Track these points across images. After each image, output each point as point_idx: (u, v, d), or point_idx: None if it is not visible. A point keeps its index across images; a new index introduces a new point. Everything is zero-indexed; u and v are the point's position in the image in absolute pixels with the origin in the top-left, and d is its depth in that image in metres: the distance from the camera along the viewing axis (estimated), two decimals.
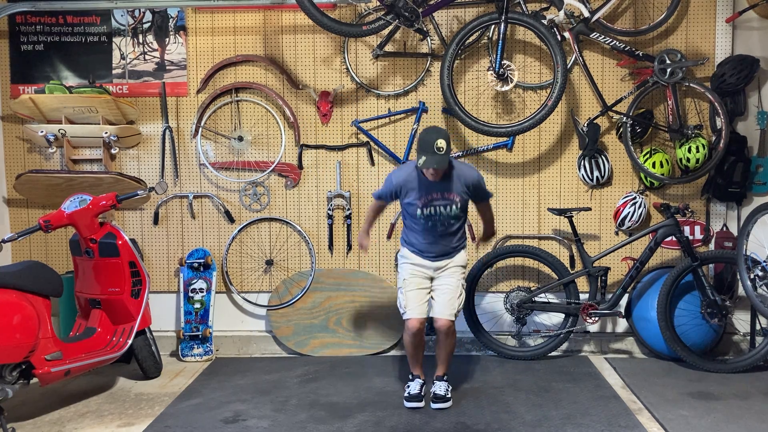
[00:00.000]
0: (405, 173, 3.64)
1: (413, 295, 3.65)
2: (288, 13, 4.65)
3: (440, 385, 3.70)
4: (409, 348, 3.73)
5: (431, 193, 3.55)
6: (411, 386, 3.73)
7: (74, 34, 4.69)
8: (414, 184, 3.58)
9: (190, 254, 4.65)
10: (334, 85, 4.65)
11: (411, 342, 3.69)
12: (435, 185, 3.55)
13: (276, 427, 3.42)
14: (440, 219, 3.59)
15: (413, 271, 3.69)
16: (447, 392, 3.68)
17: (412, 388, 3.71)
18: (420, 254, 3.69)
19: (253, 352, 4.73)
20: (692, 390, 3.82)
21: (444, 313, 3.63)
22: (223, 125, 4.70)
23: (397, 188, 3.63)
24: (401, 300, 3.70)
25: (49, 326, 3.48)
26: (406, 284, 3.68)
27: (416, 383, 3.73)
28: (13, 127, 4.72)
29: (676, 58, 4.25)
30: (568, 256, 4.62)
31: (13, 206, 4.77)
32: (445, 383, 3.72)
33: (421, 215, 3.58)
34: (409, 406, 3.65)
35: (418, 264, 3.70)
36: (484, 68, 4.52)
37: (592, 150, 4.46)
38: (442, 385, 3.70)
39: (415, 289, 3.66)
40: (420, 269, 3.70)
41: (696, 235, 4.55)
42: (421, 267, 3.70)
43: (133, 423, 3.50)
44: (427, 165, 3.42)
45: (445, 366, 3.75)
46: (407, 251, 3.75)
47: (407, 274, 3.70)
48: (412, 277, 3.68)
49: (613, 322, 4.67)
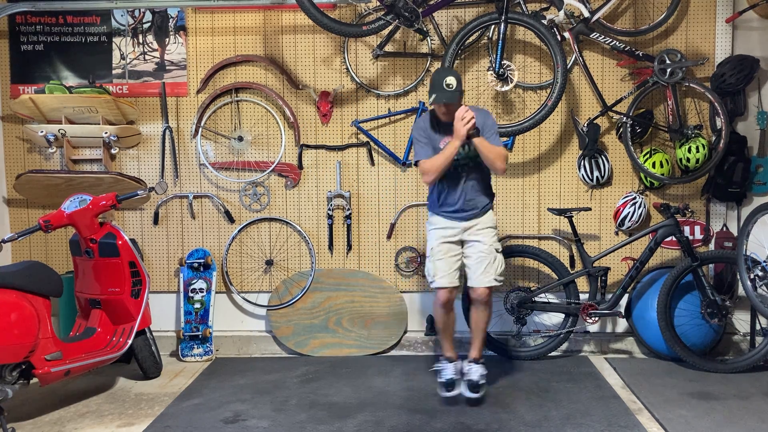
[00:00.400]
0: (422, 121, 3.65)
1: (442, 264, 3.55)
2: (288, 13, 4.65)
3: (475, 369, 3.56)
4: (440, 322, 3.61)
5: (449, 135, 3.51)
6: (445, 371, 3.59)
7: (74, 34, 4.69)
8: (430, 129, 3.58)
9: (190, 254, 4.65)
10: (334, 85, 4.65)
11: (441, 314, 3.58)
12: (451, 126, 3.50)
13: (276, 427, 3.42)
14: (461, 162, 3.51)
15: (442, 238, 3.59)
16: (481, 378, 3.55)
17: (447, 372, 3.57)
18: (447, 215, 3.60)
19: (253, 352, 4.73)
20: (692, 390, 3.82)
21: (482, 281, 3.51)
22: (223, 125, 4.70)
23: (424, 131, 3.58)
24: (429, 269, 3.60)
25: (49, 326, 3.48)
26: (434, 252, 3.59)
27: (450, 367, 3.59)
28: (13, 127, 4.72)
29: (676, 58, 4.25)
30: (568, 256, 4.62)
31: (13, 206, 4.77)
32: (481, 367, 3.57)
33: None
34: (446, 395, 3.56)
35: (447, 227, 3.60)
36: (484, 68, 4.52)
37: (592, 150, 4.46)
38: (477, 370, 3.56)
39: (444, 257, 3.56)
40: (449, 233, 3.59)
41: (696, 235, 4.56)
42: (450, 230, 3.60)
43: (133, 423, 3.50)
44: (437, 100, 3.42)
45: (480, 345, 3.64)
46: (434, 217, 3.68)
47: (435, 241, 3.61)
48: (441, 244, 3.58)
49: (613, 322, 4.67)
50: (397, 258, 4.71)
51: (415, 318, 4.72)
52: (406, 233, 4.71)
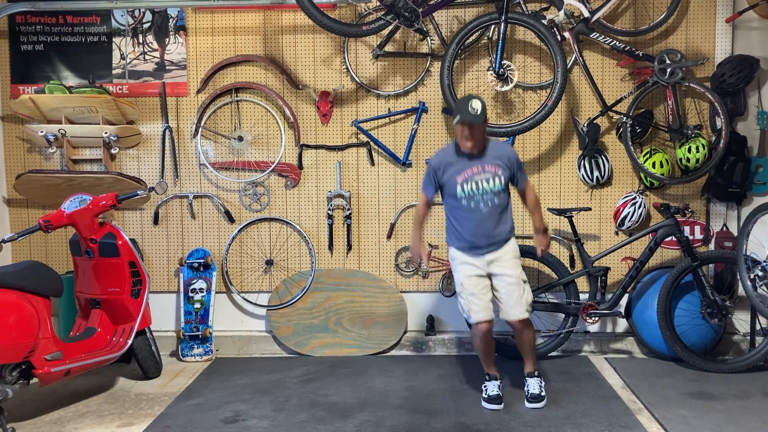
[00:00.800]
0: (442, 152, 3.64)
1: (475, 299, 3.53)
2: (288, 13, 4.65)
3: (533, 382, 3.62)
4: (481, 351, 3.65)
5: (470, 167, 3.49)
6: (488, 387, 3.63)
7: (74, 34, 4.69)
8: (452, 158, 3.54)
9: (190, 254, 4.65)
10: (334, 85, 4.65)
11: (481, 345, 3.61)
12: (473, 159, 3.49)
13: (276, 427, 3.42)
14: (482, 196, 3.49)
15: (468, 272, 3.56)
16: (541, 389, 3.60)
17: (490, 389, 3.61)
18: (468, 250, 3.56)
19: (253, 352, 4.73)
20: (692, 390, 3.82)
21: (515, 314, 3.54)
22: (223, 125, 4.70)
23: (438, 168, 3.54)
24: (462, 304, 3.58)
25: (49, 326, 3.48)
26: (464, 288, 3.56)
27: (493, 384, 3.63)
28: (13, 127, 4.72)
29: (676, 58, 4.25)
30: (568, 256, 4.62)
31: (13, 206, 4.77)
32: (538, 379, 3.63)
33: (462, 194, 3.49)
34: (490, 407, 3.56)
35: (470, 263, 3.56)
36: (484, 68, 4.52)
37: (592, 150, 4.46)
38: (535, 383, 3.61)
39: (475, 292, 3.53)
40: (475, 267, 3.56)
41: (696, 235, 4.56)
42: (474, 265, 3.56)
43: (133, 423, 3.50)
44: (462, 120, 3.39)
45: (532, 360, 3.67)
46: (455, 251, 3.63)
47: (463, 276, 3.57)
48: (469, 279, 3.55)
49: (613, 322, 4.67)
50: (397, 258, 4.71)
51: (415, 318, 4.71)
52: (406, 233, 4.70)
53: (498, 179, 3.50)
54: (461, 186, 3.50)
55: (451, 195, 3.54)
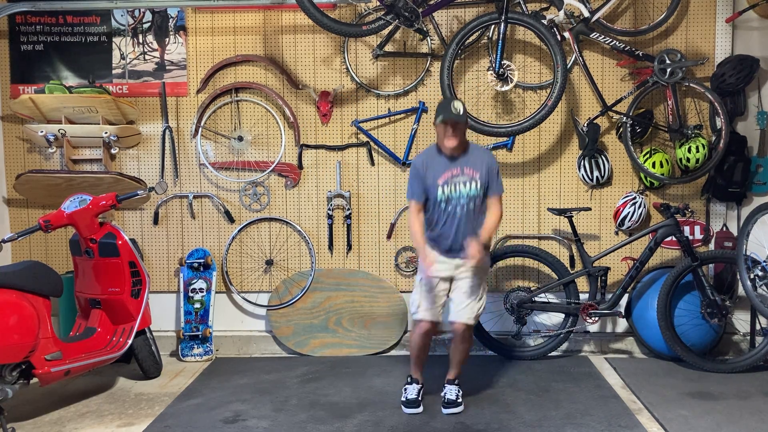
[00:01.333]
0: (424, 154, 3.62)
1: (429, 296, 3.51)
2: (288, 13, 4.65)
3: (451, 389, 3.61)
4: (415, 349, 3.61)
5: (451, 169, 3.49)
6: (408, 390, 3.63)
7: (74, 34, 4.69)
8: (434, 161, 3.54)
9: (190, 254, 4.65)
10: (334, 85, 4.65)
11: (418, 343, 3.58)
12: (454, 161, 3.50)
13: (276, 427, 3.42)
14: (459, 200, 3.48)
15: (435, 272, 3.53)
16: (458, 397, 3.59)
17: (410, 392, 3.61)
18: (441, 251, 3.55)
19: (253, 352, 4.73)
20: (692, 390, 3.82)
21: (461, 316, 3.49)
22: (223, 125, 4.70)
23: (422, 168, 3.52)
24: (414, 299, 3.56)
25: (49, 326, 3.48)
26: (423, 284, 3.54)
27: (413, 387, 3.63)
28: (13, 127, 4.72)
29: (676, 58, 4.25)
30: (568, 256, 4.62)
31: (13, 206, 4.77)
32: (456, 387, 3.62)
33: (442, 196, 3.48)
34: (408, 412, 3.55)
35: (443, 262, 3.54)
36: (484, 68, 4.52)
37: (592, 150, 4.46)
38: (452, 390, 3.61)
39: (433, 291, 3.52)
40: (440, 269, 3.53)
41: (696, 235, 4.56)
42: (442, 265, 3.53)
43: (133, 423, 3.50)
44: (444, 119, 3.40)
45: (457, 369, 3.66)
46: (428, 248, 3.60)
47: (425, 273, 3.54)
48: (432, 278, 3.53)
49: (613, 322, 4.67)
50: (397, 258, 4.71)
51: None
52: (406, 233, 4.70)
53: (475, 183, 3.49)
54: (441, 188, 3.49)
55: (431, 199, 3.54)
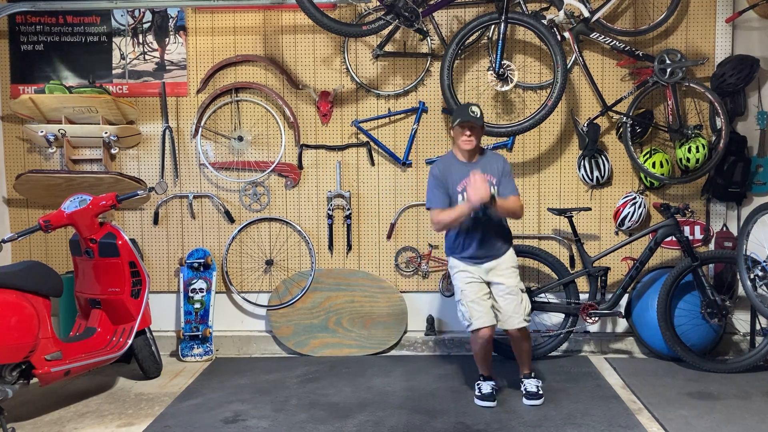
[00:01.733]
0: (442, 161, 3.68)
1: (476, 306, 3.56)
2: (288, 13, 4.65)
3: (531, 382, 3.69)
4: (479, 356, 3.70)
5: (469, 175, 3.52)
6: (482, 386, 3.69)
7: (74, 34, 4.69)
8: (452, 168, 3.60)
9: (190, 254, 4.65)
10: (334, 85, 4.65)
11: (481, 352, 3.66)
12: (471, 166, 3.55)
13: (276, 427, 3.42)
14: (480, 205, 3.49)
15: (468, 279, 3.61)
16: (539, 389, 3.66)
17: (484, 387, 3.67)
18: (467, 260, 3.62)
19: (253, 352, 4.73)
20: (692, 390, 3.82)
21: (513, 323, 3.59)
22: (223, 125, 4.70)
23: (441, 176, 3.59)
24: (464, 312, 3.60)
25: (49, 326, 3.47)
26: (465, 295, 3.59)
27: (487, 384, 3.69)
28: (13, 127, 4.72)
29: (676, 58, 4.25)
30: (568, 256, 4.62)
31: (13, 206, 4.77)
32: (535, 380, 3.72)
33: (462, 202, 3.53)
34: (482, 404, 3.62)
35: (469, 271, 3.62)
36: (484, 68, 4.52)
37: (592, 150, 4.46)
38: (532, 382, 3.69)
39: (475, 299, 3.57)
40: (474, 277, 3.61)
41: (696, 235, 4.56)
42: (473, 274, 3.61)
43: (133, 423, 3.50)
44: (462, 121, 3.47)
45: (529, 363, 3.76)
46: (455, 260, 3.67)
47: (463, 284, 3.61)
48: (469, 285, 3.59)
49: (613, 322, 4.67)
50: (397, 258, 4.71)
51: (415, 318, 4.71)
52: (406, 233, 4.71)
53: (494, 188, 3.55)
54: (461, 195, 3.56)
55: (453, 204, 3.58)
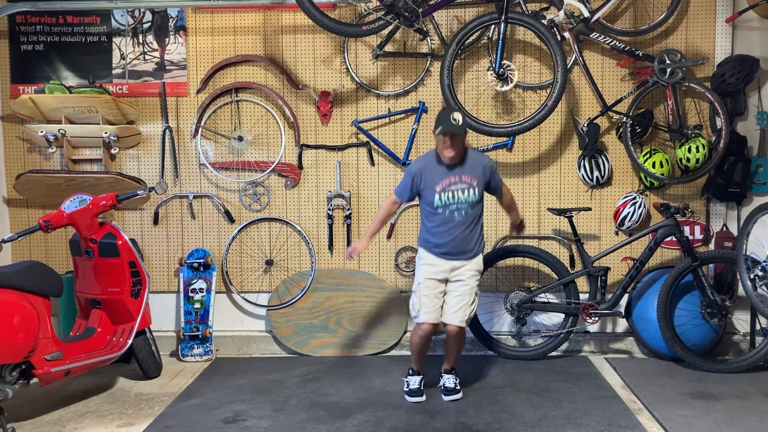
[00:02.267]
0: (423, 159, 3.73)
1: (427, 300, 3.65)
2: (288, 13, 4.65)
3: (449, 378, 3.79)
4: (416, 349, 3.76)
5: (449, 176, 3.60)
6: (411, 381, 3.79)
7: (74, 34, 4.69)
8: (432, 167, 3.64)
9: (190, 254, 4.65)
10: (334, 85, 4.65)
11: (419, 344, 3.73)
12: (453, 169, 3.60)
13: (276, 427, 3.42)
14: (458, 206, 3.60)
15: (429, 275, 3.67)
16: (456, 384, 3.78)
17: (412, 382, 3.78)
18: (437, 254, 3.66)
19: (253, 352, 4.73)
20: (692, 390, 3.82)
21: (455, 319, 3.65)
22: (223, 125, 4.70)
23: (417, 174, 3.64)
24: (414, 302, 3.71)
25: (49, 326, 3.48)
26: (421, 288, 3.67)
27: (416, 378, 3.80)
28: (13, 127, 4.72)
29: (676, 58, 4.25)
30: (568, 256, 4.62)
31: (13, 206, 4.77)
32: (453, 376, 3.80)
33: (439, 202, 3.59)
34: (412, 401, 3.71)
35: (434, 264, 3.67)
36: (484, 68, 4.52)
37: (592, 150, 4.46)
38: (450, 378, 3.79)
39: (429, 294, 3.65)
40: (436, 272, 3.66)
41: (696, 235, 4.56)
42: (438, 268, 3.66)
43: (133, 423, 3.50)
44: (444, 130, 3.50)
45: (453, 361, 3.84)
46: (424, 252, 3.73)
47: (422, 277, 3.69)
48: (427, 281, 3.67)
49: (613, 322, 4.67)
50: (397, 258, 4.71)
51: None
52: (406, 233, 4.70)
53: (473, 190, 3.61)
54: (438, 195, 3.60)
55: (428, 203, 3.65)
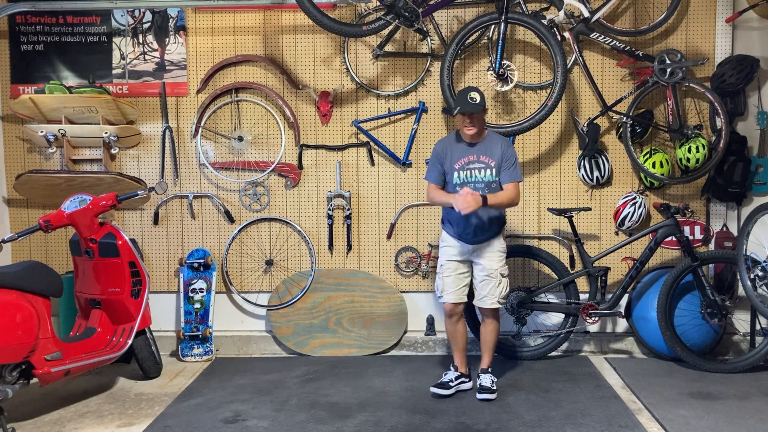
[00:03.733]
0: (445, 139, 3.83)
1: (450, 281, 3.75)
2: (288, 13, 4.65)
3: (485, 377, 3.79)
4: (449, 333, 3.84)
5: (468, 155, 3.67)
6: (447, 374, 3.82)
7: (74, 34, 4.69)
8: (453, 146, 3.74)
9: (190, 254, 4.65)
10: (334, 85, 4.65)
11: (449, 325, 3.82)
12: (472, 148, 3.67)
13: (276, 427, 3.42)
14: (475, 186, 3.65)
15: (450, 257, 3.77)
16: (492, 384, 3.75)
17: (447, 376, 3.81)
18: (457, 236, 3.75)
19: (253, 352, 4.73)
20: (692, 390, 3.82)
21: (485, 302, 3.75)
22: (223, 125, 4.70)
23: (440, 153, 3.71)
24: (438, 284, 3.82)
25: (49, 326, 3.47)
26: (444, 269, 3.78)
27: (452, 373, 3.82)
28: (13, 127, 4.72)
29: (676, 58, 4.25)
30: (568, 256, 4.62)
31: (13, 206, 4.77)
32: (490, 375, 3.80)
33: (457, 180, 3.67)
34: (434, 391, 3.73)
35: (454, 246, 3.76)
36: (484, 68, 4.52)
37: (592, 150, 4.46)
38: (487, 377, 3.78)
39: (452, 275, 3.75)
40: (456, 253, 3.76)
41: (696, 235, 4.56)
42: (457, 249, 3.76)
43: (133, 423, 3.50)
44: (461, 110, 3.56)
45: (489, 355, 3.87)
46: (445, 234, 3.83)
47: (444, 259, 3.80)
48: (449, 262, 3.77)
49: (613, 322, 4.67)
50: (397, 258, 4.71)
51: (415, 318, 4.71)
52: (406, 233, 4.71)
53: (489, 171, 3.67)
54: (457, 173, 3.69)
55: (449, 181, 3.73)
